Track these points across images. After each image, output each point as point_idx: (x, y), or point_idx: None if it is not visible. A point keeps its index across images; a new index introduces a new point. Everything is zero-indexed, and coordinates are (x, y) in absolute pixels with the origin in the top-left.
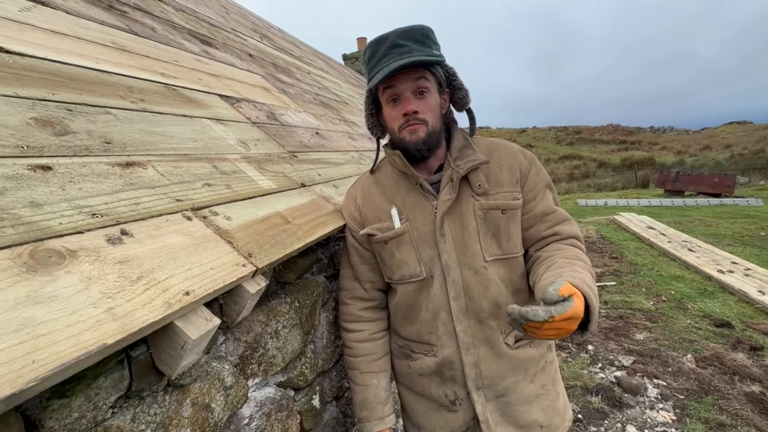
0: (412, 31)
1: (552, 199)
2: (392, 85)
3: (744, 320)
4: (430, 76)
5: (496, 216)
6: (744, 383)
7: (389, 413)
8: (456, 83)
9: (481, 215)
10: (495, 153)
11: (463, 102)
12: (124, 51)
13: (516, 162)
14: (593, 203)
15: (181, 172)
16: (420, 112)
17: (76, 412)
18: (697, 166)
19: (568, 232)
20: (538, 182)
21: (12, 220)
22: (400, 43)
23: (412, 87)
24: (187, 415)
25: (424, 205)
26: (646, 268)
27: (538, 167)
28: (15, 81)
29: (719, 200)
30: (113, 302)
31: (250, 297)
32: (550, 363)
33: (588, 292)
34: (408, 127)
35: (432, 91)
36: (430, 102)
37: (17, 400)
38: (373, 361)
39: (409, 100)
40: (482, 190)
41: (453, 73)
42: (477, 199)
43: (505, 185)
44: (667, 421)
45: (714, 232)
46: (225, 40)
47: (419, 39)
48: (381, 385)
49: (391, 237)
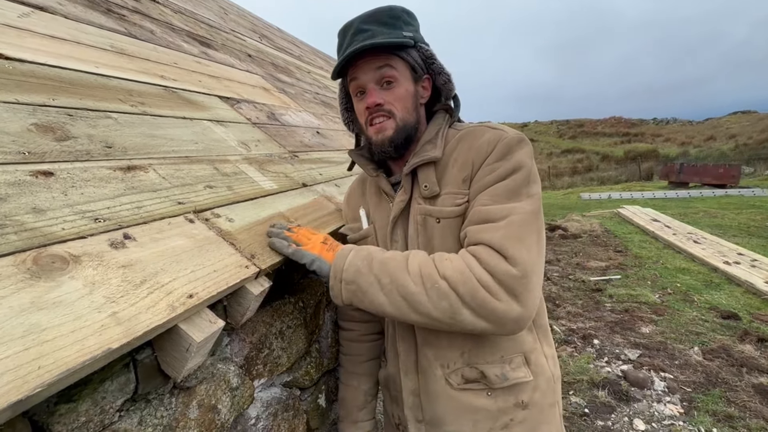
0: (378, 14)
1: (502, 196)
2: (356, 76)
3: (751, 312)
4: (398, 62)
5: (432, 224)
6: (752, 375)
7: (365, 419)
8: (435, 67)
9: (421, 221)
10: (461, 144)
11: (446, 88)
12: (123, 54)
13: (473, 154)
14: (597, 197)
15: (182, 175)
16: (385, 103)
17: (84, 416)
18: (702, 157)
19: (477, 239)
20: (486, 175)
21: (15, 227)
22: (363, 28)
23: (375, 77)
24: (194, 417)
25: (384, 206)
26: (651, 261)
27: (502, 153)
28: (15, 87)
29: (724, 191)
30: (117, 306)
31: (253, 298)
32: (520, 423)
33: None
34: (373, 126)
35: (401, 79)
36: (398, 92)
37: (24, 406)
38: (358, 363)
39: (372, 91)
40: (429, 191)
41: (430, 55)
42: (419, 202)
43: (451, 185)
44: (675, 414)
45: (719, 224)
46: (224, 41)
47: (386, 21)
48: (361, 389)
49: (357, 239)
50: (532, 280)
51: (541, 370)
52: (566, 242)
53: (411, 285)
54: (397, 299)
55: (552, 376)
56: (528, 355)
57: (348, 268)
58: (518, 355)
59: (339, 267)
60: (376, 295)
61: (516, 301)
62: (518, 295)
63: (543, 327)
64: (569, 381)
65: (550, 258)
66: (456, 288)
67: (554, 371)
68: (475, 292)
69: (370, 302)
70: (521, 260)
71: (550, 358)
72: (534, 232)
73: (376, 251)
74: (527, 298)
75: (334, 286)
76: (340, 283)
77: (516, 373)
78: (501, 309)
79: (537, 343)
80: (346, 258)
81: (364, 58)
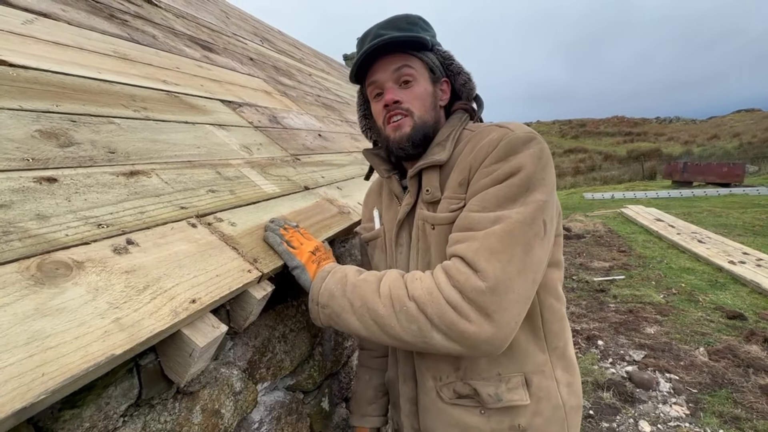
0: (395, 20)
1: (492, 202)
2: (374, 79)
3: (757, 311)
4: (416, 62)
5: (428, 231)
6: (759, 375)
7: (374, 414)
8: (453, 67)
9: (421, 227)
10: (467, 146)
11: (467, 88)
12: (126, 60)
13: (472, 156)
14: (600, 196)
15: (185, 180)
16: (403, 101)
17: (88, 421)
18: (705, 155)
19: (453, 251)
20: (482, 177)
21: (19, 233)
22: (381, 33)
23: (393, 77)
24: (198, 422)
25: (394, 209)
26: (656, 261)
27: (503, 153)
28: (19, 94)
29: (728, 190)
30: (120, 312)
31: (256, 302)
32: None
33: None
34: (391, 123)
35: (419, 78)
36: (416, 90)
37: (28, 413)
38: (370, 357)
39: (391, 89)
40: (431, 196)
41: (449, 56)
42: (421, 207)
43: (450, 190)
44: (681, 416)
45: (724, 223)
46: (226, 44)
47: (403, 27)
48: (371, 383)
49: (369, 239)
50: (508, 296)
51: (546, 395)
52: (570, 242)
53: (381, 308)
54: (368, 323)
55: (562, 404)
56: (530, 377)
57: (323, 292)
58: (518, 374)
59: (316, 290)
60: (350, 319)
61: (488, 321)
62: (490, 314)
63: (559, 350)
64: None
65: None
66: (424, 310)
67: (568, 400)
68: (443, 313)
69: (345, 326)
70: (492, 274)
71: (564, 384)
72: (520, 244)
73: (352, 273)
74: (501, 317)
75: (312, 309)
76: (317, 306)
77: (511, 395)
78: (471, 331)
79: (547, 366)
80: (323, 281)
81: (382, 59)
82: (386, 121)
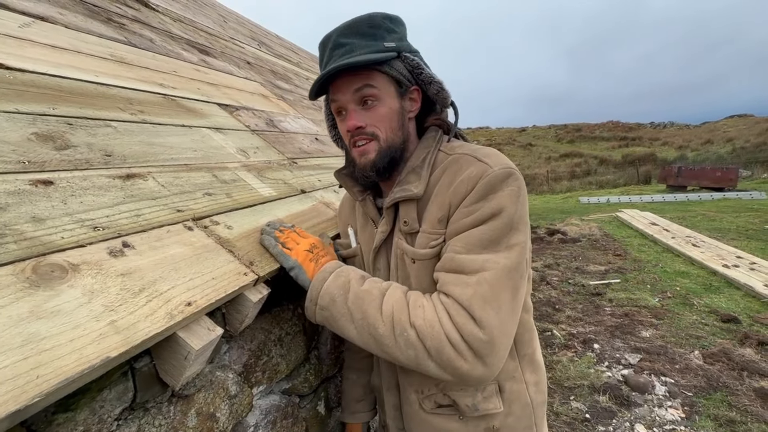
0: (356, 24)
1: (477, 245)
2: (335, 98)
3: (751, 315)
4: (379, 78)
5: (408, 263)
6: (753, 379)
7: (363, 410)
8: (423, 77)
9: (400, 256)
10: (444, 177)
11: (440, 97)
12: (123, 63)
13: (451, 193)
14: (595, 201)
15: (181, 183)
16: (366, 126)
17: (82, 425)
18: (699, 160)
19: (448, 291)
20: (463, 217)
21: (14, 236)
22: (342, 42)
23: (355, 98)
24: (192, 425)
25: (370, 231)
26: (651, 265)
27: (482, 193)
28: (16, 97)
29: (722, 194)
30: (116, 315)
31: (252, 306)
32: None
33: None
34: (357, 148)
35: (383, 97)
36: (380, 111)
37: (22, 416)
38: (357, 359)
39: (352, 113)
40: (409, 228)
41: (417, 65)
42: (399, 237)
43: (428, 224)
44: (677, 419)
45: (718, 227)
46: (223, 48)
47: (365, 32)
48: (359, 382)
49: (346, 256)
50: (502, 342)
51: (517, 397)
52: (565, 246)
53: (381, 327)
54: (366, 336)
55: (531, 402)
56: (503, 383)
57: (323, 295)
58: (492, 384)
59: (315, 291)
60: (347, 327)
61: (481, 363)
62: (484, 357)
63: (528, 356)
64: (570, 386)
65: (550, 262)
66: (424, 341)
67: (535, 398)
68: (442, 349)
69: (341, 331)
70: (489, 324)
71: (532, 385)
72: (508, 289)
73: (355, 280)
74: (493, 360)
75: (309, 308)
76: (315, 306)
77: (486, 404)
78: (465, 369)
79: (518, 372)
80: (323, 283)
81: (342, 77)
82: (351, 145)
